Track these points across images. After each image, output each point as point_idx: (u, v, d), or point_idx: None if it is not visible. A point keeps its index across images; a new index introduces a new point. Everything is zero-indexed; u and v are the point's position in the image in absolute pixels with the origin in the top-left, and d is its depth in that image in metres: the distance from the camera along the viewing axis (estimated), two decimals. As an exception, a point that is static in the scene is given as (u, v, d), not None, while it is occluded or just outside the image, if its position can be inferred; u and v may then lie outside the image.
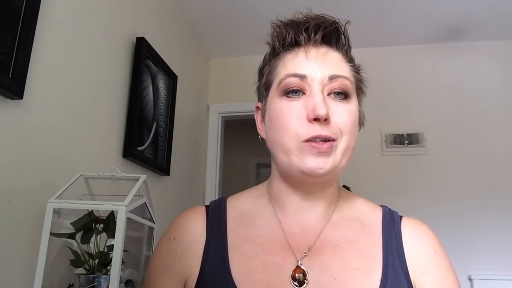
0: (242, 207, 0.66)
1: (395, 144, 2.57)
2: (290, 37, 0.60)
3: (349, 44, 0.63)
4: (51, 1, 1.14)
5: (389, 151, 2.57)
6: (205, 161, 2.68)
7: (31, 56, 1.03)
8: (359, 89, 0.63)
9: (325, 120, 0.55)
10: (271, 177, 0.67)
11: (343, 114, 0.57)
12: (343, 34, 0.62)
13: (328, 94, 0.58)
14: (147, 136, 1.77)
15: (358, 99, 0.62)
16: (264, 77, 0.64)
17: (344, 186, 2.14)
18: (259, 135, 0.66)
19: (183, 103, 2.26)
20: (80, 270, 0.97)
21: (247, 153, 4.29)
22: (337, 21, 0.61)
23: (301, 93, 0.58)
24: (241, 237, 0.61)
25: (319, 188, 0.62)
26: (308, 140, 0.55)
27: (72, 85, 1.25)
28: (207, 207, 0.67)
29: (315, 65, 0.58)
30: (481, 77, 2.60)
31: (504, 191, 2.38)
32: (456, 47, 2.65)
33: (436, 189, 2.45)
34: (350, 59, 0.62)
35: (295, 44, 0.60)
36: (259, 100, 0.67)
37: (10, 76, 0.96)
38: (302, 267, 0.56)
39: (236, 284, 0.55)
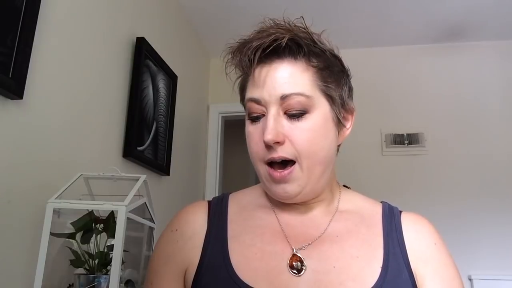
0: (243, 202, 0.68)
1: (395, 144, 2.57)
2: (235, 63, 0.60)
3: (306, 51, 0.58)
4: (51, 1, 1.14)
5: (389, 151, 2.57)
6: (205, 161, 2.68)
7: (31, 56, 1.02)
8: (327, 94, 0.59)
9: (277, 142, 0.56)
10: None
11: (298, 134, 0.57)
12: (296, 42, 0.57)
13: (285, 113, 0.57)
14: (147, 136, 1.77)
15: (331, 102, 0.59)
16: (240, 96, 0.67)
17: (344, 186, 2.13)
18: None
19: (183, 103, 2.26)
20: (80, 270, 0.97)
21: (247, 153, 4.28)
22: (279, 33, 0.56)
23: (262, 116, 0.59)
24: (241, 227, 0.62)
25: (311, 199, 0.63)
26: (268, 163, 0.58)
27: (72, 85, 1.25)
28: (209, 201, 0.68)
29: (266, 86, 0.57)
30: (481, 77, 2.59)
31: (504, 191, 2.37)
32: (456, 47, 2.65)
33: (436, 189, 2.45)
34: (315, 64, 0.58)
35: (254, 65, 0.58)
36: None
37: (10, 76, 0.96)
38: (299, 254, 0.57)
39: (236, 272, 0.56)
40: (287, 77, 0.57)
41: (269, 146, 0.57)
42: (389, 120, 2.60)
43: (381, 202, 0.68)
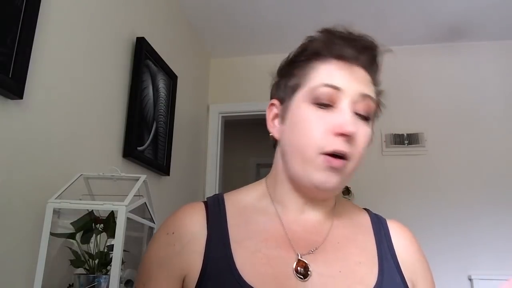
0: (241, 204, 0.66)
1: (395, 144, 2.57)
2: (345, 51, 0.60)
3: (377, 70, 0.65)
4: (51, 1, 1.14)
5: (389, 151, 2.57)
6: (205, 161, 2.68)
7: (31, 56, 1.03)
8: (376, 113, 0.64)
9: (350, 137, 0.57)
10: (271, 176, 0.68)
11: (361, 135, 0.59)
12: (377, 59, 0.64)
13: (354, 112, 0.59)
14: (147, 136, 1.77)
15: (374, 120, 0.64)
16: (295, 78, 0.63)
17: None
18: (270, 133, 0.67)
19: (183, 103, 2.26)
20: (80, 270, 0.97)
21: (247, 153, 4.29)
22: (377, 45, 0.63)
23: (330, 106, 0.59)
24: (243, 232, 0.61)
25: (322, 198, 0.64)
26: (327, 153, 0.57)
27: (72, 85, 1.25)
28: (205, 202, 0.66)
29: (350, 80, 0.59)
30: (481, 77, 2.59)
31: (504, 191, 2.37)
32: (456, 47, 2.65)
33: (436, 189, 2.45)
34: (376, 83, 0.64)
35: (341, 57, 0.61)
36: (275, 97, 0.67)
37: (10, 76, 0.96)
38: (304, 260, 0.58)
39: (243, 277, 0.55)
40: (367, 82, 0.61)
41: (337, 138, 0.57)
42: (389, 120, 2.60)
43: (364, 209, 0.71)
